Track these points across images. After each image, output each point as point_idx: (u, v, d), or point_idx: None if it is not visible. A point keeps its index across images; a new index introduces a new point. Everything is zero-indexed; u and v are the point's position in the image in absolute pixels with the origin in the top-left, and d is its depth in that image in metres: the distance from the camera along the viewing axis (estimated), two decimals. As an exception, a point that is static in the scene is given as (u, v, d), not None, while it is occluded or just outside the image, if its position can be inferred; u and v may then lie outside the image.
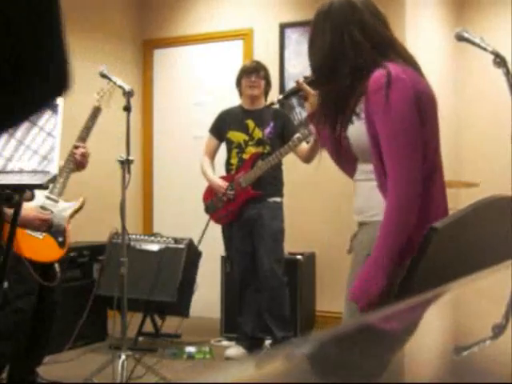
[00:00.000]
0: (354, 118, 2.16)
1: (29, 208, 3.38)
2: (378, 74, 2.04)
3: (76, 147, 3.77)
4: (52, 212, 3.60)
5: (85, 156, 3.79)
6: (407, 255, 2.00)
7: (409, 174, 2.01)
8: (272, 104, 2.90)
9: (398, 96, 2.01)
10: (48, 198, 3.64)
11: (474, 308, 0.96)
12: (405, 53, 2.20)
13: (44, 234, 3.64)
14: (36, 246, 3.62)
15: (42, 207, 3.59)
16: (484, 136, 5.98)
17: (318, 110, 2.27)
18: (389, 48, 2.15)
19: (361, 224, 2.26)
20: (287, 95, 2.51)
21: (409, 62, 2.16)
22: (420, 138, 2.05)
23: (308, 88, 2.35)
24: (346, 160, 2.34)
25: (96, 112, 3.91)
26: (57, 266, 3.78)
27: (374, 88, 2.03)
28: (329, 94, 2.19)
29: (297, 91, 2.43)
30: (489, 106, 5.92)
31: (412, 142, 2.03)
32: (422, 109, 2.07)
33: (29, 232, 3.55)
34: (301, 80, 2.38)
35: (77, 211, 3.85)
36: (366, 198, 2.22)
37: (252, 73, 4.58)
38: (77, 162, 3.77)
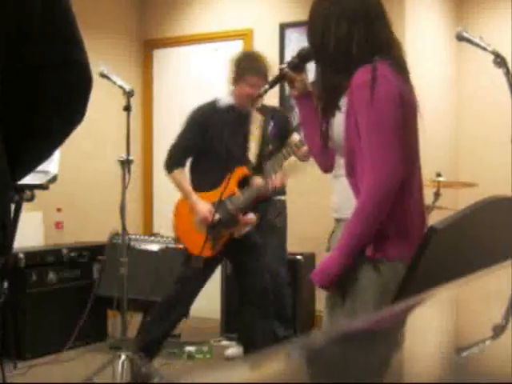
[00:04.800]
0: (336, 111, 2.16)
1: None
2: (364, 69, 2.04)
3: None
4: None
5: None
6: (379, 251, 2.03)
7: (388, 167, 2.01)
8: (259, 96, 2.86)
9: (383, 93, 2.01)
10: None
11: (474, 308, 0.96)
12: (397, 57, 2.17)
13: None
14: None
15: None
16: (483, 136, 5.98)
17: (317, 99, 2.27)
18: (382, 49, 2.13)
19: (338, 221, 2.26)
20: (272, 84, 2.47)
21: (398, 66, 2.13)
22: (402, 137, 2.05)
23: (292, 74, 2.34)
24: (326, 152, 2.35)
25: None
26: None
27: (359, 82, 2.03)
28: (326, 81, 2.17)
29: (281, 79, 2.41)
30: (489, 106, 5.91)
31: (394, 138, 2.02)
32: (403, 110, 2.06)
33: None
34: (284, 67, 2.37)
35: None
36: (343, 194, 2.21)
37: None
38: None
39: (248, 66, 4.08)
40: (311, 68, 2.31)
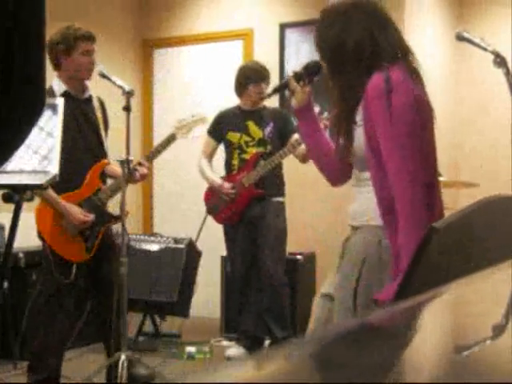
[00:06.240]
0: (352, 124, 2.14)
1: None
2: (377, 80, 2.00)
3: (140, 164, 3.84)
4: None
5: (143, 177, 3.90)
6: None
7: (414, 175, 1.99)
8: (262, 99, 2.91)
9: (400, 100, 1.98)
10: None
11: (474, 308, 0.96)
12: (411, 61, 2.15)
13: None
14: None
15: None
16: (484, 136, 5.98)
17: (333, 108, 2.23)
18: (397, 53, 2.11)
19: (355, 228, 2.26)
20: (274, 91, 2.52)
21: (412, 70, 2.12)
22: (423, 141, 2.05)
23: (295, 84, 2.33)
24: (335, 164, 2.33)
25: (170, 138, 4.01)
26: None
27: (374, 94, 1.99)
28: (342, 88, 2.15)
29: (284, 87, 2.42)
30: (489, 106, 5.92)
31: (416, 144, 2.00)
32: (420, 114, 2.05)
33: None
34: (290, 75, 2.36)
35: None
36: (362, 203, 2.22)
37: (263, 81, 4.55)
38: (133, 179, 3.85)
39: (75, 34, 3.74)
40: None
